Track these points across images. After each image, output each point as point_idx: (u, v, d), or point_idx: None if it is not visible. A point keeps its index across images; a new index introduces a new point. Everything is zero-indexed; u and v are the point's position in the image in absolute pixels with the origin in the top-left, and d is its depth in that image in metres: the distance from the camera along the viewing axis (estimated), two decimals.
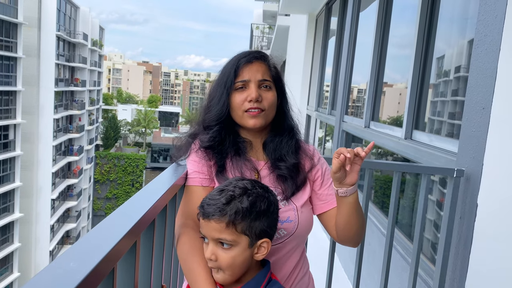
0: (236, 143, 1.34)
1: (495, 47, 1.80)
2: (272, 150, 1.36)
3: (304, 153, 1.40)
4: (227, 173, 1.29)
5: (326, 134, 7.31)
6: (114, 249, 0.74)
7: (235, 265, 1.05)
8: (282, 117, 1.40)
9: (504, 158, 1.72)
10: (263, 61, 1.35)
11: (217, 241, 1.05)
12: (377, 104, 4.14)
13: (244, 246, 1.04)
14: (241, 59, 1.33)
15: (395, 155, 3.54)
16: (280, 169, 1.33)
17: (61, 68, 31.32)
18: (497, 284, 1.69)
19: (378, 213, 3.52)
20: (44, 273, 0.62)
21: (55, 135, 29.87)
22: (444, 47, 2.90)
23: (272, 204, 1.10)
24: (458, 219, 1.98)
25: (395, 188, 2.01)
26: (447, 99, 2.73)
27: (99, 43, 41.14)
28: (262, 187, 1.11)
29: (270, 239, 1.10)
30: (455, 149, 2.18)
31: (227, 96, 1.31)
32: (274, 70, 1.38)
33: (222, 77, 1.34)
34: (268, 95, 1.31)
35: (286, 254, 1.30)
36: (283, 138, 1.38)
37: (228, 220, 1.02)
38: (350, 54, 4.97)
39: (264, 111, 1.30)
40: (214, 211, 1.04)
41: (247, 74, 1.31)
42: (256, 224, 1.04)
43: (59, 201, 31.53)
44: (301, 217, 1.30)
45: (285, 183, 1.32)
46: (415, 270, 2.05)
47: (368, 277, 3.04)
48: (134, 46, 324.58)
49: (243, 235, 1.04)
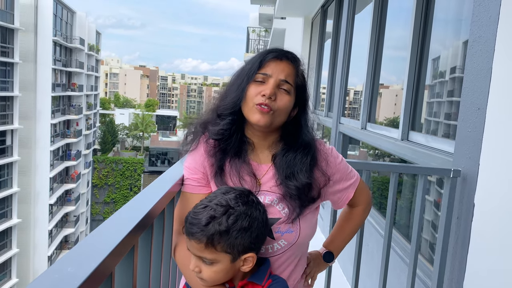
0: (239, 143, 1.28)
1: (490, 48, 1.82)
2: (284, 166, 1.26)
3: (319, 170, 1.30)
4: (225, 177, 1.25)
5: (323, 136, 7.32)
6: (111, 253, 0.74)
7: (217, 278, 1.08)
8: (298, 129, 1.30)
9: (500, 157, 1.73)
10: (292, 63, 1.27)
11: (199, 257, 1.07)
12: (373, 105, 4.15)
13: (226, 263, 1.06)
14: (270, 53, 1.26)
15: (392, 156, 3.55)
16: (288, 187, 1.24)
17: (58, 73, 31.27)
18: (495, 284, 1.69)
19: (376, 214, 3.52)
20: (42, 278, 0.62)
21: (53, 140, 29.80)
22: (439, 48, 2.91)
23: (255, 220, 1.07)
24: (455, 219, 1.99)
25: (392, 189, 2.02)
26: (443, 100, 2.74)
27: (96, 47, 41.12)
28: (246, 203, 1.08)
29: (256, 252, 1.10)
30: (451, 150, 2.19)
31: (246, 85, 1.24)
32: (301, 78, 1.30)
33: (246, 67, 1.27)
34: (283, 98, 1.23)
35: (286, 261, 1.27)
36: (297, 154, 1.28)
37: (207, 242, 1.03)
38: (346, 56, 4.99)
39: (273, 112, 1.21)
40: (194, 232, 1.04)
41: (271, 69, 1.24)
42: (237, 242, 1.04)
43: (57, 206, 31.42)
44: (303, 226, 1.25)
45: (291, 203, 1.24)
46: (413, 270, 2.05)
47: (367, 278, 3.05)
48: (131, 50, 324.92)
49: (224, 253, 1.04)
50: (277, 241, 1.23)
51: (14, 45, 25.47)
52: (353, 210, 1.46)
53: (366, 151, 5.01)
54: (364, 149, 5.10)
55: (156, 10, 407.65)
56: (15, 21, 25.27)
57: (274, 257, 1.24)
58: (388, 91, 4.20)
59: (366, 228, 2.71)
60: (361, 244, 2.07)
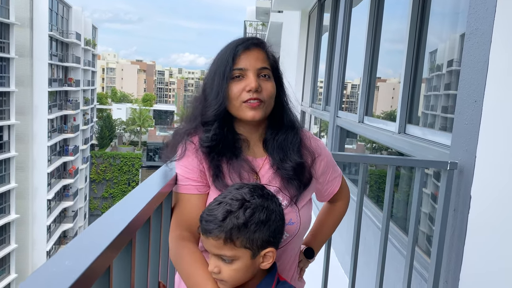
0: (233, 142, 1.25)
1: (487, 40, 1.82)
2: (276, 149, 1.27)
3: (305, 148, 1.32)
4: (225, 178, 1.21)
5: (321, 129, 7.33)
6: (109, 247, 0.74)
7: (238, 277, 1.04)
8: (281, 110, 1.30)
9: (497, 149, 1.73)
10: (261, 48, 1.25)
11: (218, 256, 1.04)
12: (370, 99, 4.16)
13: (246, 259, 1.02)
14: (238, 46, 1.22)
15: (390, 149, 3.56)
16: (286, 169, 1.25)
17: (54, 68, 31.13)
18: (491, 275, 1.71)
19: (373, 207, 3.54)
20: (39, 272, 0.62)
21: (50, 135, 29.73)
22: (437, 41, 2.91)
23: (273, 212, 1.05)
24: (452, 211, 2.00)
25: (389, 182, 2.03)
26: (440, 93, 2.74)
27: (93, 42, 40.91)
28: (261, 195, 1.06)
29: (276, 247, 1.07)
30: (448, 142, 2.19)
31: (225, 86, 1.20)
32: (273, 59, 1.28)
33: (219, 66, 1.23)
34: (267, 85, 1.22)
35: (287, 254, 1.28)
36: (287, 135, 1.28)
37: (225, 237, 1.00)
38: (343, 50, 4.98)
39: (264, 103, 1.21)
40: (211, 228, 1.02)
41: (244, 62, 1.21)
42: (256, 236, 1.01)
43: (55, 201, 31.42)
44: (302, 218, 1.27)
45: (291, 185, 1.25)
46: (410, 262, 2.06)
47: (365, 270, 3.06)
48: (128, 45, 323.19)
49: (244, 249, 1.01)
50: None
51: (10, 40, 25.32)
52: (334, 205, 1.49)
53: (364, 144, 5.02)
54: (361, 142, 5.11)
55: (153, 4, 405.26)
56: (11, 16, 25.10)
57: (278, 251, 1.24)
58: (385, 84, 4.20)
59: (363, 221, 2.72)
60: (359, 237, 2.08)
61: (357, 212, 2.06)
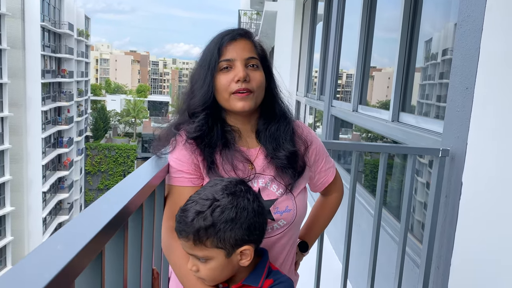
0: (224, 133, 1.25)
1: (478, 27, 1.82)
2: (269, 139, 1.27)
3: (298, 137, 1.32)
4: (219, 169, 1.21)
5: (316, 119, 7.34)
6: (100, 232, 0.75)
7: (215, 275, 1.03)
8: (272, 100, 1.30)
9: (487, 136, 1.75)
10: (248, 38, 1.25)
11: (193, 255, 1.04)
12: (364, 87, 4.16)
13: (221, 259, 1.01)
14: (224, 37, 1.22)
15: (385, 139, 3.58)
16: (279, 158, 1.25)
17: (47, 59, 30.84)
18: (481, 259, 1.73)
19: (368, 196, 3.56)
20: (30, 257, 0.63)
21: (44, 127, 29.56)
22: (431, 30, 2.91)
23: (244, 209, 1.01)
24: (444, 198, 2.02)
25: (381, 169, 2.04)
26: (435, 82, 2.75)
27: (85, 33, 40.52)
28: (233, 193, 1.02)
29: (256, 243, 1.05)
30: (440, 130, 2.21)
31: (211, 78, 1.21)
32: (260, 48, 1.28)
33: (205, 58, 1.23)
34: (256, 74, 1.22)
35: (284, 242, 1.28)
36: (280, 125, 1.29)
37: (194, 239, 0.99)
38: (337, 39, 4.97)
39: (253, 93, 1.20)
40: (181, 229, 1.02)
41: (231, 52, 1.21)
42: (227, 236, 0.99)
43: (51, 193, 31.35)
44: (299, 205, 1.27)
45: (285, 174, 1.25)
46: (402, 248, 2.09)
47: (359, 257, 3.10)
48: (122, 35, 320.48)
49: (216, 248, 0.99)
50: (277, 222, 1.24)
51: (1, 31, 25.02)
52: (328, 198, 1.49)
53: (359, 134, 5.03)
54: (357, 132, 5.12)
55: None
56: (1, 7, 24.76)
57: (274, 238, 1.24)
58: (381, 74, 4.20)
59: (357, 209, 2.74)
60: (351, 224, 2.10)
61: (350, 200, 2.07)
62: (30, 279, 0.57)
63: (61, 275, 0.59)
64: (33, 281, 0.56)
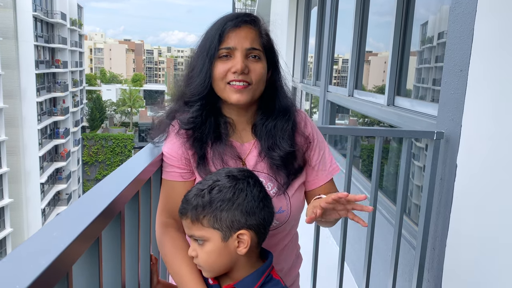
0: (218, 126, 1.19)
1: (471, 9, 1.81)
2: (265, 136, 1.20)
3: (300, 133, 1.25)
4: (209, 165, 1.17)
5: (312, 105, 7.33)
6: (96, 219, 0.75)
7: (211, 261, 1.01)
8: (274, 94, 1.21)
9: (481, 118, 1.75)
10: (253, 26, 1.16)
11: (192, 238, 1.03)
12: (360, 72, 4.15)
13: (217, 241, 0.99)
14: (227, 23, 1.14)
15: (382, 124, 3.58)
16: (273, 158, 1.18)
17: (40, 50, 30.54)
18: (475, 240, 1.76)
19: (365, 181, 3.58)
20: (25, 244, 0.63)
21: (40, 118, 29.41)
22: (427, 13, 2.89)
23: (242, 191, 1.00)
24: (439, 180, 2.04)
25: (377, 153, 2.05)
26: (431, 65, 2.75)
27: (79, 22, 40.06)
28: (234, 177, 1.02)
29: (255, 231, 1.01)
30: (435, 113, 2.21)
31: (209, 66, 1.14)
32: (266, 38, 1.18)
33: (205, 44, 1.16)
34: (256, 66, 1.14)
35: (278, 243, 1.24)
36: (277, 121, 1.20)
37: (191, 216, 1.00)
38: (332, 24, 4.94)
39: (251, 85, 1.13)
40: (182, 208, 1.03)
41: (233, 40, 1.12)
42: (223, 216, 0.98)
43: (49, 184, 31.36)
44: (293, 204, 1.22)
45: (278, 174, 1.19)
46: (398, 231, 2.11)
47: (357, 240, 3.13)
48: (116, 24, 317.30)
49: (212, 229, 0.99)
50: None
51: None
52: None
53: (356, 119, 5.04)
54: (354, 117, 5.13)
55: None
56: None
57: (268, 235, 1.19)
58: (377, 58, 4.19)
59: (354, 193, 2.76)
60: None
61: (346, 184, 2.08)
62: (27, 266, 0.57)
63: (58, 261, 0.60)
64: (29, 267, 0.57)
